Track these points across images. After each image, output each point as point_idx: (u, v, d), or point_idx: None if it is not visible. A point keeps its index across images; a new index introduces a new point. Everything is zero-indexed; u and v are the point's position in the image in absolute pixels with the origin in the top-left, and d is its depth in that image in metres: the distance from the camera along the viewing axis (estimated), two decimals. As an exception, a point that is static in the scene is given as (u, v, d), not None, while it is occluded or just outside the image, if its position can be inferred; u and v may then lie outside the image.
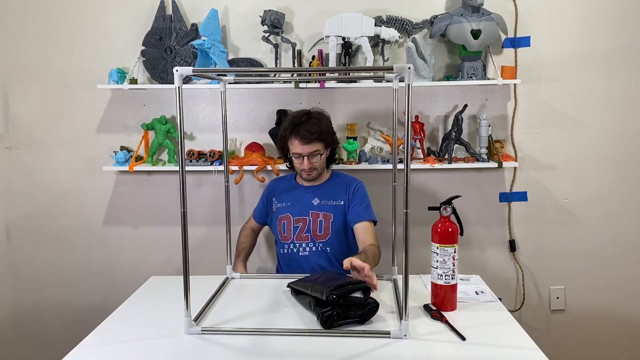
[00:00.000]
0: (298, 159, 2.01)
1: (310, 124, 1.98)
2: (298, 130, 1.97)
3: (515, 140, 2.51)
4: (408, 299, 1.36)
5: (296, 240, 2.05)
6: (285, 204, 2.11)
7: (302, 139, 1.97)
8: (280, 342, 1.38)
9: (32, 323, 2.70)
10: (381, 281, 1.81)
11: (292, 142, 2.00)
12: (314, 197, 2.09)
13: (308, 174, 2.04)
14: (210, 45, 2.26)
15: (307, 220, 2.06)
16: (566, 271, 2.59)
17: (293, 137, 1.99)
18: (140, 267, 2.63)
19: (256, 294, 1.71)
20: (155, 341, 1.38)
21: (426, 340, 1.38)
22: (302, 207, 2.08)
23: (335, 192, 2.09)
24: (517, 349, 1.33)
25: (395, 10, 2.40)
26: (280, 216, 2.10)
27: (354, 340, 1.38)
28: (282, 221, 2.09)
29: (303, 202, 2.09)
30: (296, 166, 2.06)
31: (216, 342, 1.37)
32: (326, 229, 2.04)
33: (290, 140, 2.01)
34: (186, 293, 1.38)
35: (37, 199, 2.61)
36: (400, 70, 1.28)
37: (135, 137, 2.53)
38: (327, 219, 2.05)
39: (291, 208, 2.09)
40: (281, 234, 2.09)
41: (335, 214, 2.05)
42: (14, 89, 2.54)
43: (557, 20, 2.43)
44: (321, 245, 2.04)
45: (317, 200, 2.08)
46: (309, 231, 2.05)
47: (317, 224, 2.04)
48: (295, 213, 2.08)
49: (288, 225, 2.07)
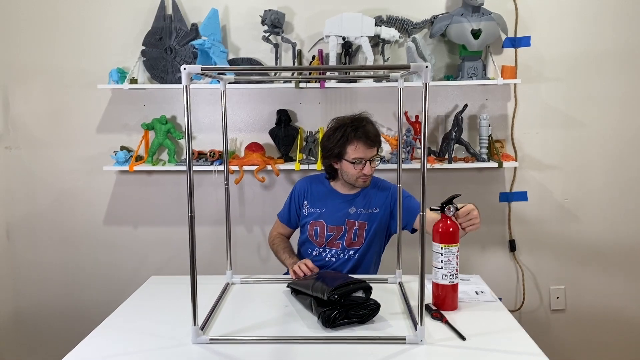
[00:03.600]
0: (359, 164, 1.89)
1: (371, 127, 1.91)
2: (363, 134, 1.87)
3: (515, 140, 2.51)
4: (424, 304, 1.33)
5: (328, 246, 2.01)
6: (319, 209, 2.03)
7: (367, 142, 1.87)
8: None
9: (32, 323, 2.70)
10: (385, 284, 1.81)
11: (356, 145, 1.87)
12: (351, 205, 2.01)
13: (365, 180, 1.94)
14: (210, 45, 2.26)
15: (342, 229, 2.00)
16: (566, 271, 2.59)
17: (357, 141, 1.87)
18: (140, 267, 2.63)
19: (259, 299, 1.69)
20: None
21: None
22: (337, 216, 2.00)
23: (371, 200, 2.02)
24: (517, 349, 1.33)
25: (396, 10, 2.40)
26: (312, 221, 2.02)
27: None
28: (314, 227, 2.02)
29: (339, 210, 2.01)
30: (352, 172, 1.92)
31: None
32: (360, 236, 2.00)
33: (352, 144, 1.87)
34: (194, 303, 1.35)
35: (37, 199, 2.61)
36: (417, 68, 1.27)
37: (135, 137, 2.53)
38: (362, 227, 2.00)
39: (326, 215, 2.01)
40: (312, 238, 2.03)
41: (370, 222, 2.00)
42: (14, 89, 2.54)
43: (557, 20, 2.43)
44: (352, 252, 2.00)
45: (353, 209, 2.01)
46: (342, 239, 2.00)
47: (352, 232, 2.00)
48: (330, 221, 2.01)
49: (321, 232, 2.01)
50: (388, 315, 1.51)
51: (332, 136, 1.92)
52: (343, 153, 1.90)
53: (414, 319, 1.44)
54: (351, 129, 1.88)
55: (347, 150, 1.89)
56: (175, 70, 2.40)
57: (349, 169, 1.92)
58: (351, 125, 1.89)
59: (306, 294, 1.57)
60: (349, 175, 1.94)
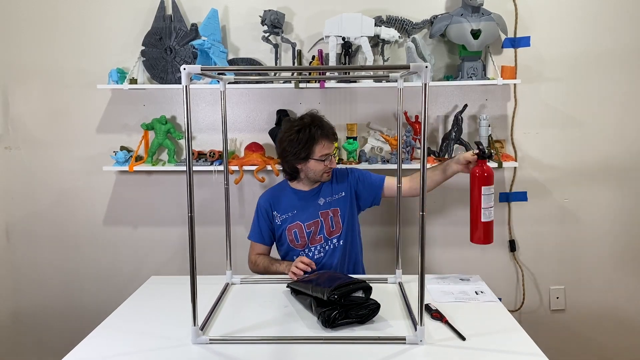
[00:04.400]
0: (327, 160, 1.98)
1: (326, 122, 2.00)
2: (327, 131, 1.97)
3: (515, 140, 2.51)
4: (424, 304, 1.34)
5: (311, 244, 2.05)
6: (290, 213, 2.07)
7: (330, 137, 1.98)
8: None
9: (32, 323, 2.70)
10: (385, 284, 1.81)
11: (323, 143, 1.96)
12: (318, 197, 2.07)
13: (329, 173, 2.03)
14: (210, 45, 2.26)
15: (319, 222, 2.05)
16: (566, 271, 2.59)
17: (323, 139, 1.96)
18: (140, 267, 2.63)
19: (259, 299, 1.70)
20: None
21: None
22: (310, 212, 2.05)
23: (334, 187, 2.09)
24: (517, 349, 1.33)
25: (395, 10, 2.40)
26: (289, 226, 2.06)
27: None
28: (292, 230, 2.06)
29: (310, 206, 2.06)
30: (320, 169, 1.99)
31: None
32: (337, 223, 2.05)
33: (320, 142, 1.95)
34: (194, 303, 1.35)
35: (37, 199, 2.61)
36: (417, 68, 1.28)
37: (135, 137, 2.53)
38: (335, 213, 2.05)
39: (300, 215, 2.06)
40: (294, 243, 2.06)
41: (341, 206, 2.06)
42: (14, 89, 2.54)
43: (557, 20, 2.43)
44: (335, 240, 2.05)
45: (322, 200, 2.07)
46: (322, 232, 2.04)
47: (329, 221, 2.05)
48: (305, 219, 2.05)
49: (300, 233, 2.05)
50: (388, 315, 1.51)
51: (295, 139, 1.95)
52: (311, 153, 1.96)
53: (414, 319, 1.44)
54: (315, 128, 1.95)
55: (315, 149, 1.96)
56: (175, 71, 2.40)
57: (317, 166, 1.99)
58: (313, 125, 1.95)
59: (306, 294, 1.57)
60: (316, 172, 2.01)
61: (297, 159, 1.98)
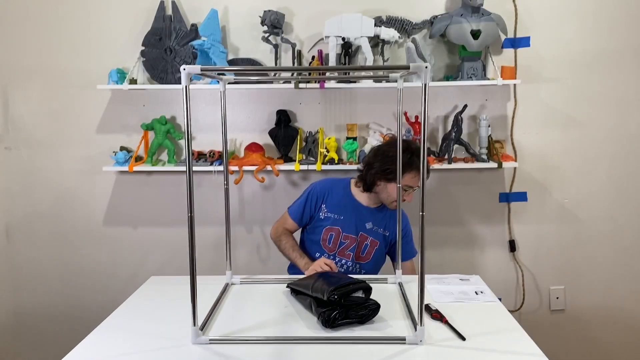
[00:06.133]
0: (407, 191, 1.92)
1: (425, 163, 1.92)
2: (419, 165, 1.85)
3: (515, 141, 2.51)
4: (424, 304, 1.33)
5: (338, 255, 2.03)
6: (337, 216, 2.03)
7: (418, 174, 1.88)
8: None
9: (32, 323, 2.70)
10: (385, 284, 1.81)
11: (412, 174, 1.88)
12: (368, 219, 2.04)
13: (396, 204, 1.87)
14: (210, 45, 2.26)
15: (355, 240, 2.03)
16: (566, 271, 2.59)
17: (414, 170, 1.88)
18: (140, 267, 2.63)
19: (259, 299, 1.70)
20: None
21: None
22: (354, 226, 2.03)
23: (387, 222, 2.05)
24: (517, 349, 1.33)
25: (395, 11, 2.40)
26: (328, 226, 2.03)
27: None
28: (329, 232, 2.03)
29: (357, 221, 2.03)
30: (394, 196, 1.90)
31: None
32: (369, 253, 2.04)
33: (412, 172, 1.88)
34: (194, 303, 1.35)
35: (37, 199, 2.61)
36: (417, 68, 1.28)
37: (135, 137, 2.53)
38: (373, 245, 2.04)
39: (344, 223, 2.03)
40: (325, 243, 2.04)
41: (381, 242, 2.05)
42: (14, 89, 2.54)
43: (557, 20, 2.43)
44: (359, 265, 2.05)
45: (370, 225, 2.04)
46: (353, 250, 2.03)
47: (363, 247, 2.03)
48: (346, 230, 2.03)
49: (335, 238, 2.03)
50: (388, 316, 1.51)
51: (395, 157, 1.79)
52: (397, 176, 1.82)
53: (414, 319, 1.44)
54: (416, 158, 1.86)
55: (406, 176, 1.85)
56: (174, 71, 2.40)
57: (394, 192, 1.90)
58: (416, 154, 1.86)
59: (306, 294, 1.57)
60: (390, 197, 1.95)
61: (384, 175, 1.92)
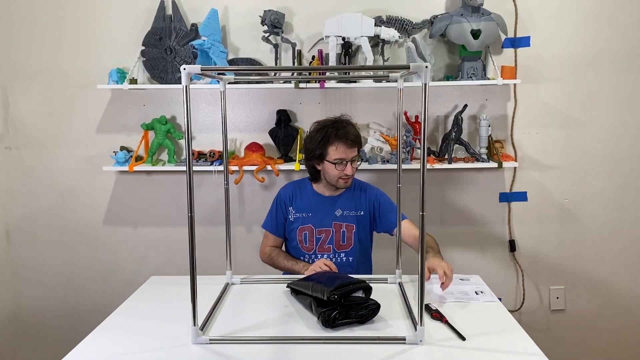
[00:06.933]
0: (340, 164, 1.93)
1: (351, 128, 1.94)
2: (344, 134, 1.90)
3: (515, 140, 2.51)
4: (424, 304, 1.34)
5: (318, 251, 2.04)
6: (305, 214, 2.05)
7: (347, 142, 1.91)
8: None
9: (32, 323, 2.70)
10: (385, 284, 1.81)
11: (337, 146, 1.91)
12: (336, 207, 2.05)
13: (346, 180, 1.97)
14: (210, 45, 2.26)
15: (330, 232, 2.03)
16: (566, 271, 2.59)
17: (337, 141, 1.91)
18: (140, 267, 2.63)
19: (259, 299, 1.70)
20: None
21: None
22: (324, 218, 2.04)
23: (356, 202, 2.06)
24: (517, 349, 1.33)
25: (395, 11, 2.40)
26: (300, 227, 2.04)
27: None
28: (303, 232, 2.05)
29: (325, 213, 2.04)
30: (334, 173, 1.95)
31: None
32: (349, 239, 2.03)
33: (333, 145, 1.91)
34: (194, 303, 1.35)
35: (37, 199, 2.61)
36: (417, 68, 1.28)
37: (135, 137, 2.53)
38: (349, 229, 2.03)
39: (313, 219, 2.04)
40: (302, 245, 2.05)
41: (357, 224, 2.04)
42: (14, 89, 2.54)
43: (557, 20, 2.43)
44: (343, 254, 2.04)
45: (339, 211, 2.04)
46: (331, 242, 2.03)
47: (340, 234, 2.03)
48: (318, 224, 2.04)
49: (310, 236, 2.04)
50: (388, 316, 1.51)
51: (313, 138, 1.96)
52: (324, 154, 1.94)
53: (414, 319, 1.44)
54: (332, 130, 1.92)
55: (329, 151, 1.93)
56: (175, 71, 2.40)
57: (331, 169, 1.95)
58: (332, 126, 1.93)
59: (306, 294, 1.57)
60: (331, 176, 1.97)
61: (312, 158, 1.98)
